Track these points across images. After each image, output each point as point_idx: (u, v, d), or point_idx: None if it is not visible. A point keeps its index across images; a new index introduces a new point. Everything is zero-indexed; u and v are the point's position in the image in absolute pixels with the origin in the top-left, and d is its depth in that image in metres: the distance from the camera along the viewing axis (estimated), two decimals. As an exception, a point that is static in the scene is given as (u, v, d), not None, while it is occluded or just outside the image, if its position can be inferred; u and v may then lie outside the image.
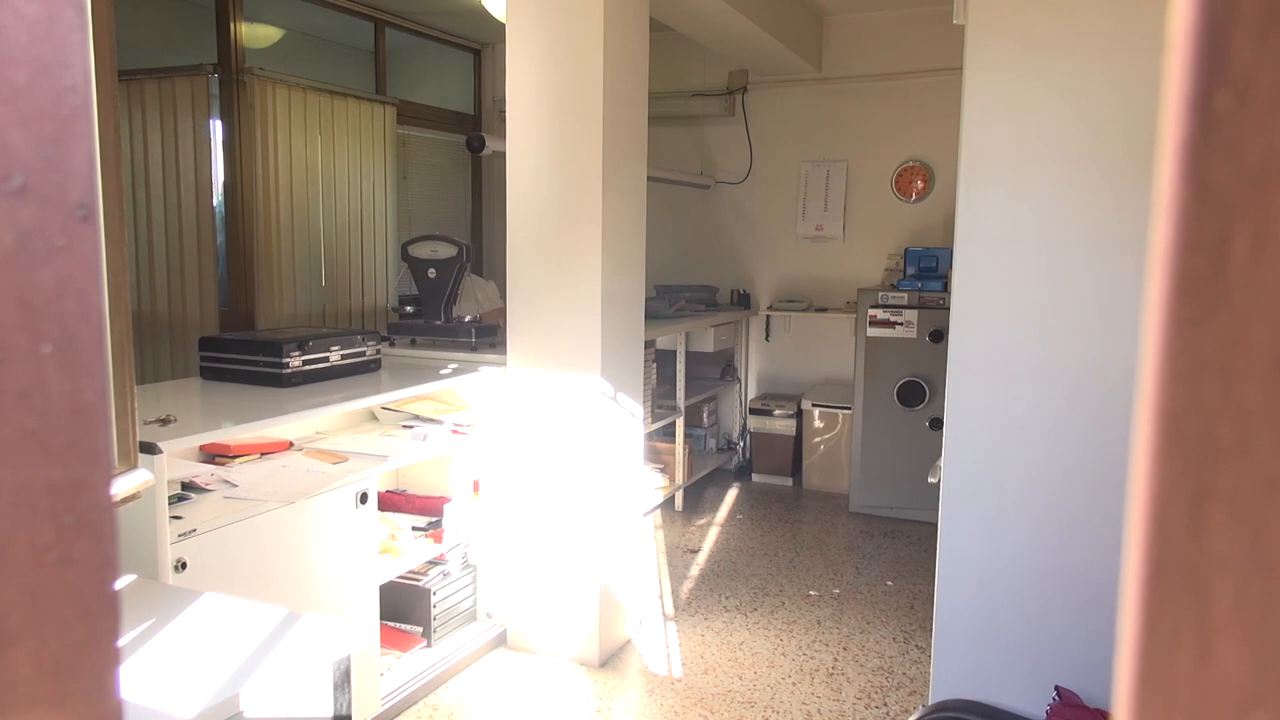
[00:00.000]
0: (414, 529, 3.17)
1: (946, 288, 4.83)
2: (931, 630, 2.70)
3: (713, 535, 4.76)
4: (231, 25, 4.37)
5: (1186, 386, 0.16)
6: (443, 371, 3.35)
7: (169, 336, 4.45)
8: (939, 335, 4.84)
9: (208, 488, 2.46)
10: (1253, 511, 0.16)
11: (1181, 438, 0.16)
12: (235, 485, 2.48)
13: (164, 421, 2.35)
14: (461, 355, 3.52)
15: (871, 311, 4.99)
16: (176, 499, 2.36)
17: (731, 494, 5.49)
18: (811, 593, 4.02)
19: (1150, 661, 0.16)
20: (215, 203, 4.43)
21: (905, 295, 4.94)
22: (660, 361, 5.11)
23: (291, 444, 2.88)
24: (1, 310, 0.25)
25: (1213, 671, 0.16)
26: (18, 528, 0.26)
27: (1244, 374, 0.15)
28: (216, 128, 4.42)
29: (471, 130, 6.08)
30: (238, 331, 4.05)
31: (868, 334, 5.02)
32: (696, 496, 5.39)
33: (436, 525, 3.22)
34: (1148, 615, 0.16)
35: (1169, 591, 0.16)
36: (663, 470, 5.09)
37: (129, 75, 4.36)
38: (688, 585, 4.09)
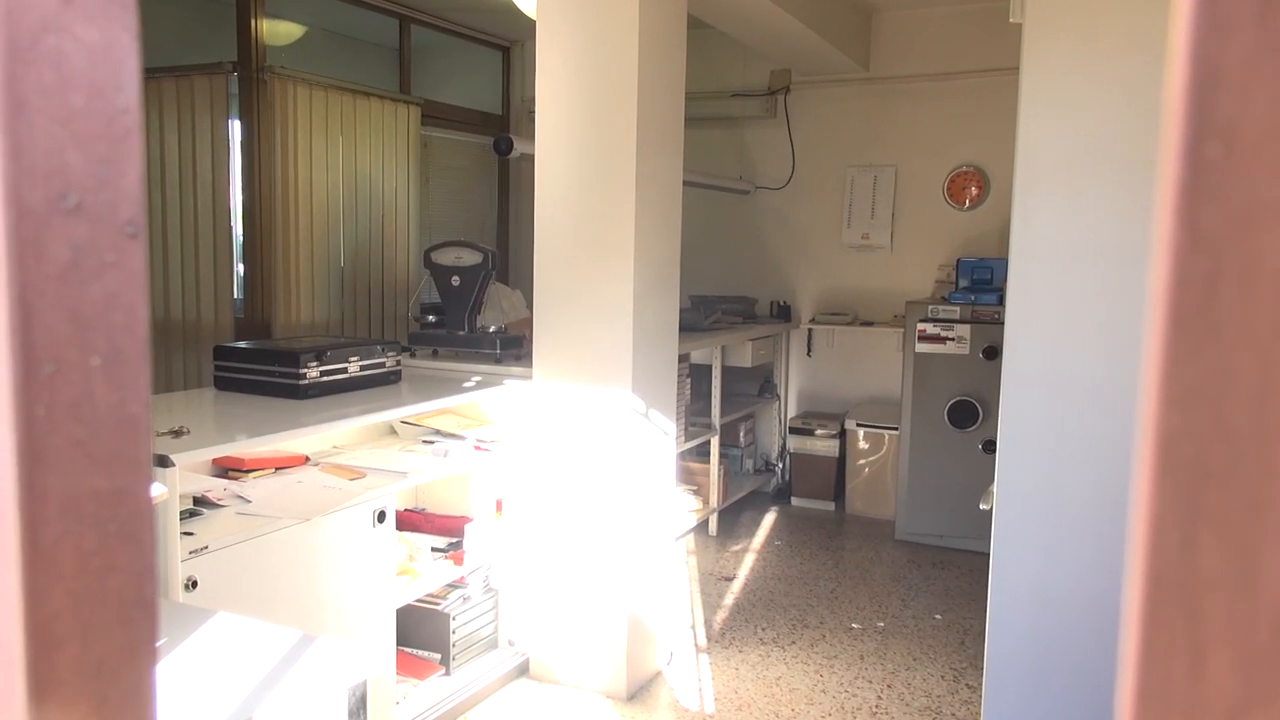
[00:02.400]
0: (433, 550, 3.21)
1: (1001, 301, 4.81)
2: (983, 668, 2.69)
3: (749, 562, 4.75)
4: (252, 22, 4.47)
5: (1180, 413, 0.18)
6: (466, 384, 3.39)
7: (182, 344, 4.54)
8: (993, 352, 4.81)
9: (220, 503, 2.51)
10: (1240, 533, 0.17)
11: (1176, 462, 0.18)
12: (249, 501, 2.53)
13: (176, 433, 2.40)
14: (485, 367, 3.56)
15: (921, 326, 4.97)
16: (188, 514, 2.41)
17: (769, 518, 5.48)
18: (854, 626, 4.00)
19: (1147, 676, 0.18)
20: (233, 205, 4.53)
21: (957, 309, 4.92)
22: (695, 376, 5.12)
23: (307, 458, 2.93)
24: (55, 324, 0.28)
25: (1205, 685, 0.17)
26: (65, 534, 0.29)
27: (1233, 402, 0.17)
28: (235, 128, 4.51)
29: (499, 132, 6.15)
30: (253, 340, 4.12)
31: (916, 350, 5.00)
32: (732, 520, 5.39)
33: (457, 546, 3.25)
34: (1145, 632, 0.18)
35: (1164, 609, 0.18)
36: (696, 492, 5.10)
37: (146, 73, 4.46)
38: (721, 615, 4.09)
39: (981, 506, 2.64)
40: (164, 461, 2.20)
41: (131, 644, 0.31)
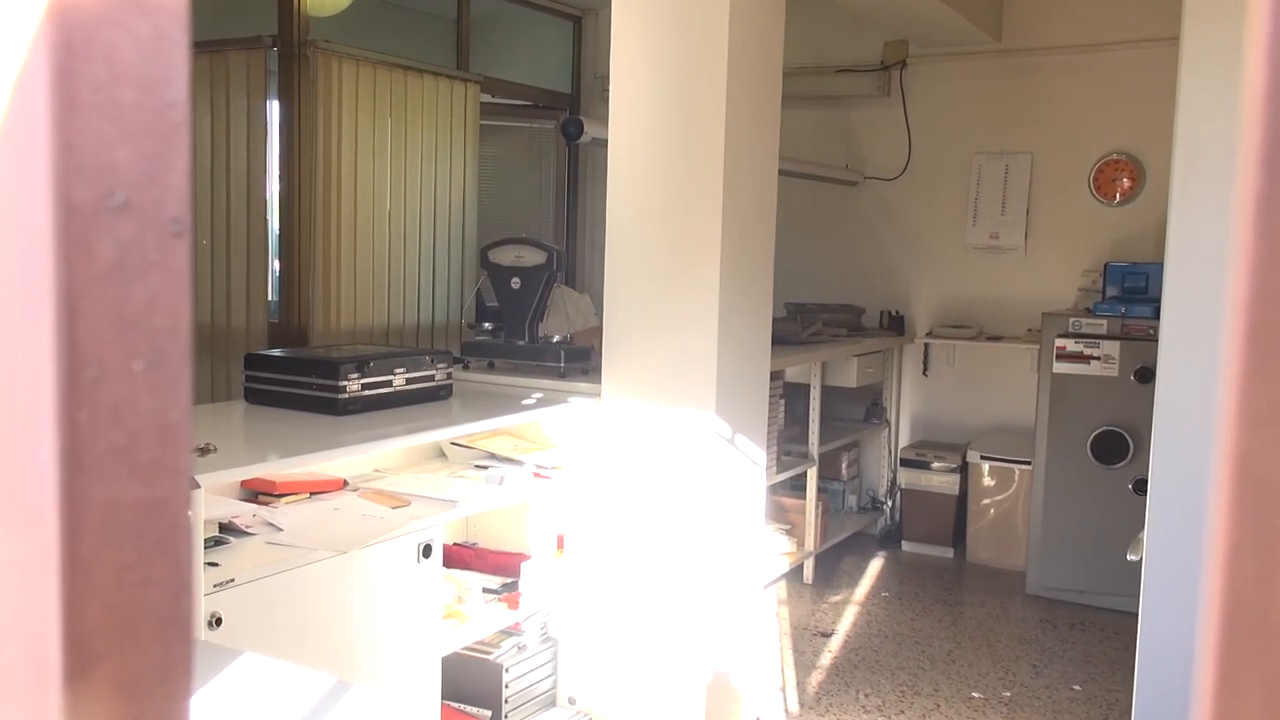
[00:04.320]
0: (485, 591, 3.26)
1: (1157, 314, 4.70)
2: (1127, 749, 2.63)
3: (850, 616, 4.71)
4: (294, -10, 4.61)
5: (1258, 433, 0.19)
6: (525, 402, 3.44)
7: (210, 351, 4.70)
8: (1146, 374, 4.70)
9: (248, 530, 2.59)
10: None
11: (1253, 484, 0.19)
12: (280, 529, 2.61)
13: (202, 451, 2.49)
14: (548, 383, 3.61)
15: (1060, 342, 4.89)
16: (213, 543, 2.50)
17: (875, 565, 5.43)
18: (975, 695, 3.94)
19: (1224, 707, 0.19)
20: (269, 196, 4.67)
21: (1104, 322, 4.83)
22: (790, 398, 5.11)
23: (346, 482, 3.01)
24: (99, 326, 0.31)
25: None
26: (104, 545, 0.32)
27: (1313, 422, 0.18)
28: (273, 110, 4.66)
29: (567, 113, 6.24)
30: (289, 348, 4.24)
31: (1054, 370, 4.92)
32: (831, 567, 5.35)
33: (512, 588, 3.30)
34: (1220, 664, 0.19)
35: (1241, 638, 0.19)
36: (789, 532, 5.09)
37: (177, 48, 4.64)
38: (817, 676, 4.07)
39: (1129, 557, 2.60)
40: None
41: (167, 663, 0.34)
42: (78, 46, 0.29)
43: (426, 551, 2.81)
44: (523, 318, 3.74)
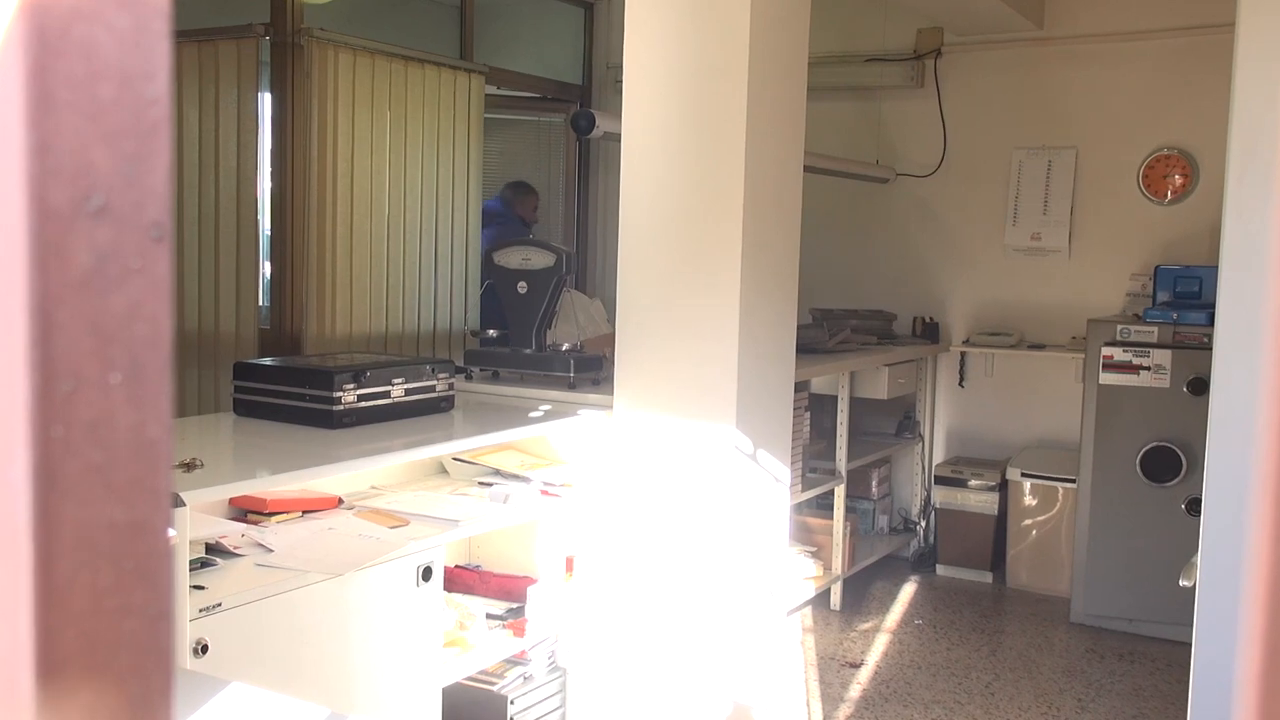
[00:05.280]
0: (489, 616, 3.26)
1: (1212, 320, 4.68)
2: (1179, 790, 2.62)
3: (880, 645, 4.70)
4: (287, -25, 4.64)
5: None
6: (532, 414, 3.44)
7: (197, 361, 4.72)
8: (1200, 385, 4.68)
9: (237, 551, 2.60)
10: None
11: None
12: (270, 550, 2.61)
13: (188, 466, 2.50)
14: (556, 394, 3.61)
15: (1107, 351, 4.88)
16: (199, 564, 2.50)
17: (907, 591, 5.41)
18: (1014, 730, 3.93)
19: (1267, 711, 0.19)
20: (260, 194, 4.69)
21: (1154, 329, 4.81)
22: (816, 410, 5.11)
23: (340, 500, 3.01)
24: (75, 337, 0.32)
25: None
26: (79, 568, 0.32)
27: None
28: (265, 102, 4.68)
29: (577, 105, 6.26)
30: (280, 357, 4.26)
31: (1101, 381, 4.90)
32: (860, 592, 5.34)
33: (518, 613, 3.30)
34: (1264, 669, 0.19)
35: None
36: (815, 555, 5.08)
37: (163, 37, 4.67)
38: (845, 710, 4.06)
39: (1182, 583, 2.58)
40: (173, 500, 2.30)
41: (146, 696, 0.34)
42: (53, 40, 0.29)
43: (426, 574, 2.82)
44: (530, 325, 3.75)
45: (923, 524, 5.87)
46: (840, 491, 5.08)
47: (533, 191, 5.94)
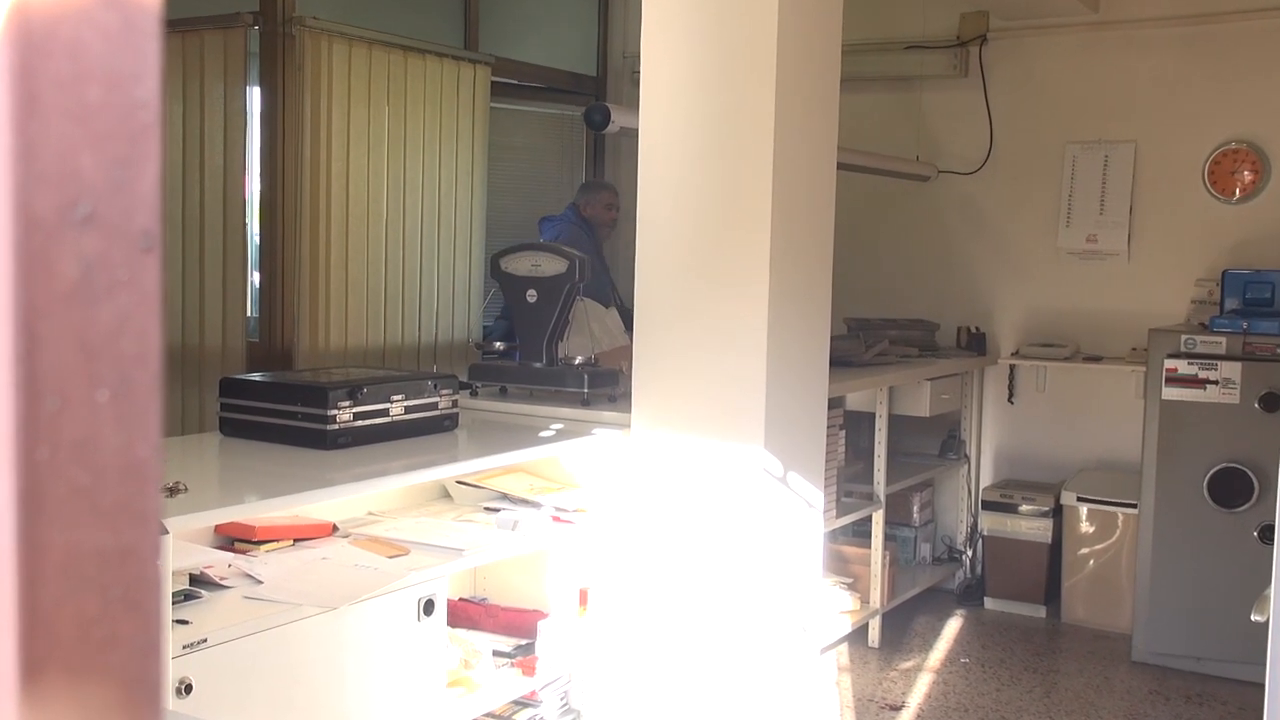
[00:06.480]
0: (496, 654, 3.26)
1: (1286, 330, 4.66)
2: (1252, 845, 2.60)
3: (923, 685, 4.68)
4: (277, -40, 4.67)
5: None
6: (542, 434, 3.45)
7: (181, 377, 4.74)
8: (1273, 401, 4.66)
9: (223, 583, 2.61)
10: None
11: None
12: (259, 581, 2.62)
13: (171, 491, 2.51)
14: (569, 412, 3.61)
15: (1170, 363, 4.86)
16: (182, 597, 2.51)
17: (952, 626, 5.39)
18: (1070, 779, 3.91)
19: None
20: (248, 197, 4.71)
21: (1223, 340, 4.79)
22: (852, 429, 5.10)
23: (335, 527, 3.02)
24: (61, 352, 0.33)
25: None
26: (65, 596, 0.33)
27: None
28: (254, 96, 4.70)
29: (591, 99, 6.27)
30: (270, 372, 4.28)
31: (1164, 396, 4.88)
32: (901, 627, 5.32)
33: (528, 651, 3.30)
34: None
35: None
36: (851, 587, 5.06)
37: (144, 27, 4.70)
38: (884, 757, 4.04)
39: (1254, 618, 2.56)
40: (155, 527, 2.31)
41: (134, 733, 0.35)
42: (39, 40, 0.30)
43: (428, 608, 2.82)
44: (540, 336, 3.75)
45: (969, 553, 5.85)
46: (878, 518, 5.06)
47: (604, 187, 5.79)
